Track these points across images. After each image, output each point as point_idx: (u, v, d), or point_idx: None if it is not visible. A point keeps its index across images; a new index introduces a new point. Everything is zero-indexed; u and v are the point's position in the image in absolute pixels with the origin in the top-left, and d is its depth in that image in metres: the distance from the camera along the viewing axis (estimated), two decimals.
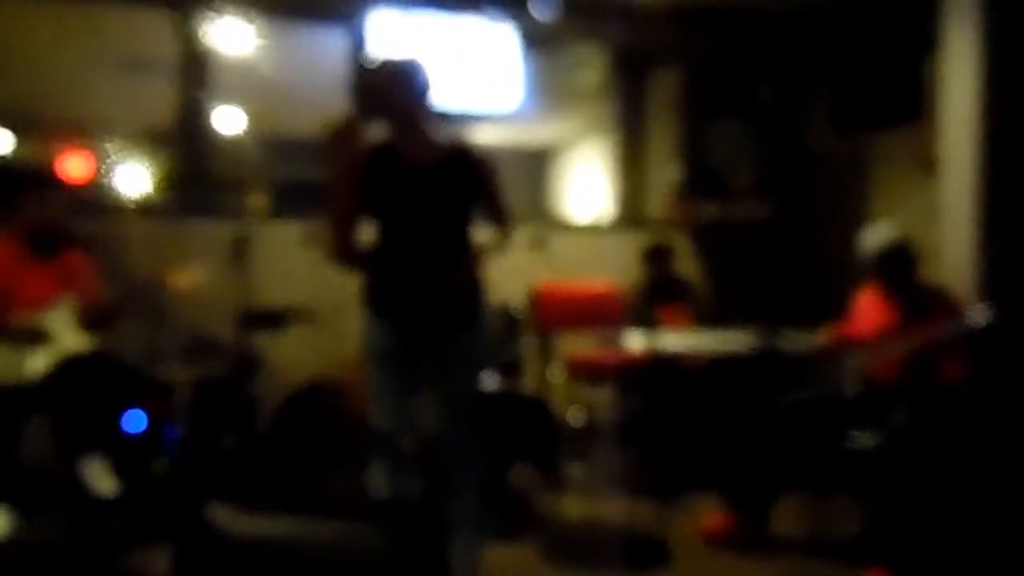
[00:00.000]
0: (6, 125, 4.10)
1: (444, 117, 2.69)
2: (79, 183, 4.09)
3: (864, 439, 3.08)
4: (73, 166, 4.07)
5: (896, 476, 3.00)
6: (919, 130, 4.43)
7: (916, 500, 2.98)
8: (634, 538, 3.33)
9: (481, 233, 2.61)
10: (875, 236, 3.37)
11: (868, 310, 3.41)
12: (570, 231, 5.43)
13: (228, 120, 4.39)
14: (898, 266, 3.31)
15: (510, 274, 2.86)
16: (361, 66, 2.58)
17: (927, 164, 4.28)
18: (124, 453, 3.20)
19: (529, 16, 4.72)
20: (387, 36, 4.53)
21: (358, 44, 4.55)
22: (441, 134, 2.58)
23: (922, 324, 3.21)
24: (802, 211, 5.25)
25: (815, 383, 3.37)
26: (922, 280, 3.39)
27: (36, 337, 3.25)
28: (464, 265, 2.56)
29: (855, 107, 5.00)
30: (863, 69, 4.83)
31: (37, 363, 3.22)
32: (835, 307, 3.56)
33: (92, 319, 3.37)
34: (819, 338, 3.54)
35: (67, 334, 3.31)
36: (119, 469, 3.14)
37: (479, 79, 4.76)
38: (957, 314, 3.27)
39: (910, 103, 4.51)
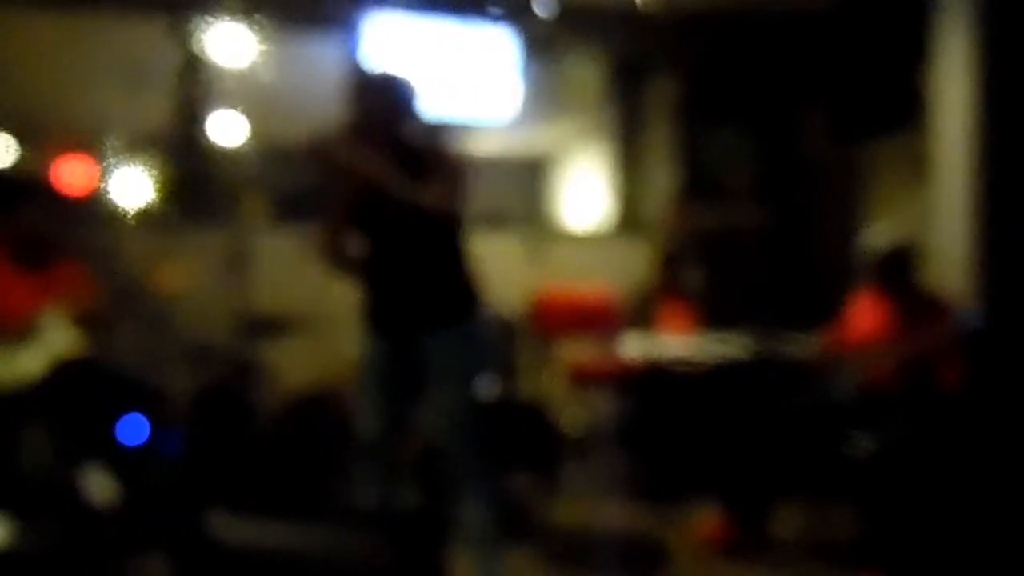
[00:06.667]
0: (8, 132, 4.10)
1: (432, 130, 2.70)
2: (78, 193, 4.10)
3: (861, 444, 3.08)
4: (72, 175, 4.08)
5: (893, 481, 3.01)
6: (914, 137, 4.45)
7: (913, 505, 2.98)
8: (633, 544, 3.33)
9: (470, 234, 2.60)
10: (876, 239, 3.37)
11: (866, 314, 3.42)
12: (567, 239, 5.43)
13: (227, 128, 4.39)
14: (898, 270, 3.32)
15: (508, 281, 2.87)
16: (351, 73, 2.61)
17: (921, 171, 4.30)
18: (123, 461, 3.20)
19: (526, 22, 4.74)
20: (386, 43, 4.55)
21: (356, 51, 4.57)
22: (419, 147, 2.57)
23: (919, 329, 3.22)
24: (798, 217, 5.26)
25: (812, 388, 3.38)
26: (920, 285, 3.40)
27: (27, 340, 3.24)
28: (445, 272, 2.55)
29: (851, 114, 5.02)
30: (858, 76, 4.85)
31: (30, 366, 3.22)
32: (832, 312, 3.57)
33: (86, 320, 3.36)
34: (816, 343, 3.54)
35: (60, 337, 3.30)
36: (118, 477, 3.14)
37: (476, 86, 4.77)
38: (954, 319, 3.28)
39: (905, 110, 4.53)
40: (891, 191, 4.86)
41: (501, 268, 2.72)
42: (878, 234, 3.40)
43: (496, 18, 4.76)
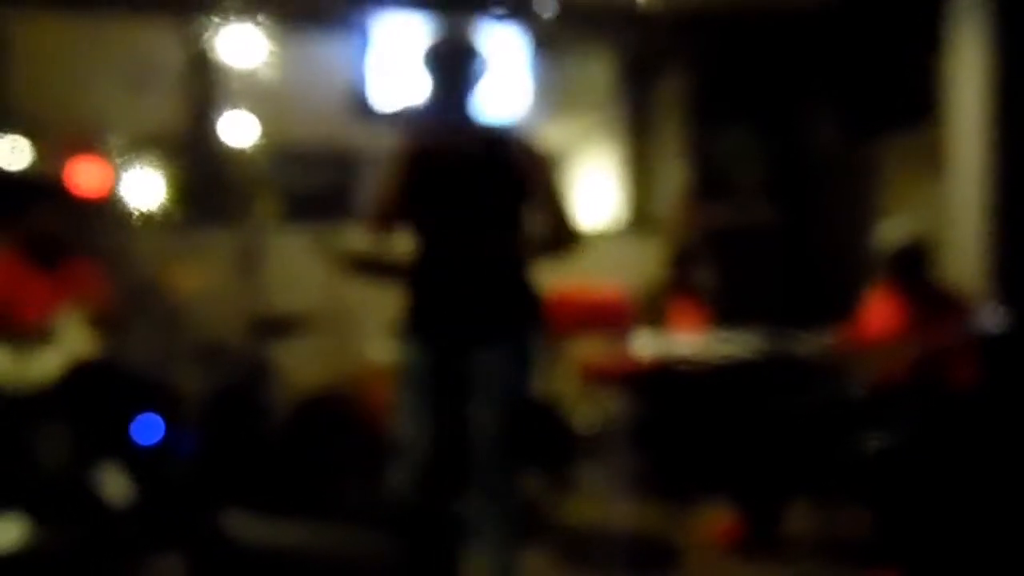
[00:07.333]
0: (23, 134, 4.13)
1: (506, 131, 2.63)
2: (91, 194, 4.13)
3: (873, 442, 3.07)
4: (85, 177, 4.11)
5: (905, 479, 2.99)
6: (928, 132, 4.42)
7: (927, 503, 2.97)
8: (644, 542, 3.33)
9: (536, 235, 2.45)
10: (890, 235, 3.35)
11: (879, 310, 3.40)
12: None
13: (238, 128, 4.41)
14: (912, 266, 3.30)
15: None
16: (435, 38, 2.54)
17: (936, 166, 4.27)
18: (138, 461, 3.23)
19: (536, 21, 4.73)
20: (396, 43, 4.56)
21: (366, 51, 4.58)
22: (483, 126, 2.48)
23: (933, 326, 3.20)
24: (810, 214, 5.23)
25: (824, 386, 3.37)
26: (935, 280, 3.38)
27: (42, 340, 3.27)
28: (508, 273, 2.40)
29: (863, 109, 4.99)
30: (871, 71, 4.82)
31: (46, 366, 3.24)
32: (844, 309, 3.55)
33: (100, 320, 3.38)
34: (829, 341, 3.53)
35: (75, 337, 3.33)
36: (133, 477, 3.17)
37: (485, 86, 4.76)
38: (969, 316, 3.26)
39: (918, 104, 4.51)
40: (905, 187, 4.83)
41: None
42: (892, 230, 3.38)
43: (504, 17, 4.76)
